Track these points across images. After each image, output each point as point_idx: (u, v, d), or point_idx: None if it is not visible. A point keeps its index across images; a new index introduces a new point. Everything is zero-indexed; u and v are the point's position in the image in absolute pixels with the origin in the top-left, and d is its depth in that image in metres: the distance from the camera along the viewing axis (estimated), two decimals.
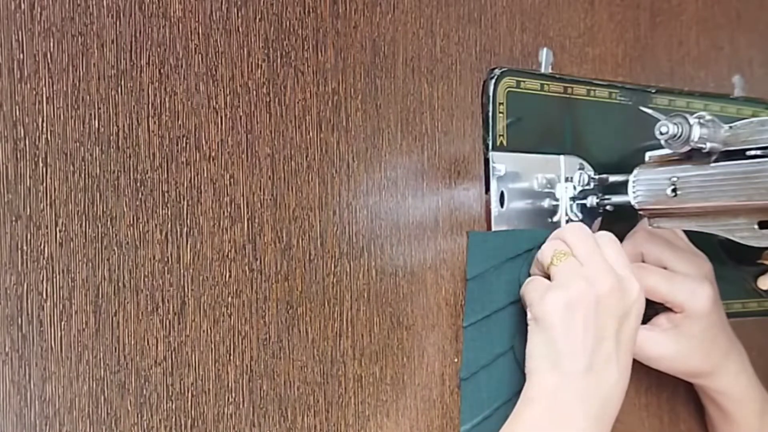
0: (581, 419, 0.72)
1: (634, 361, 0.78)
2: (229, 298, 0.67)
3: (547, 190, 0.85)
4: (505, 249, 0.80)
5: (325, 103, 0.72)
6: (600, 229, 0.87)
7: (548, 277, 0.76)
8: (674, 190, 0.79)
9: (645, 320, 0.81)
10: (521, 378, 0.75)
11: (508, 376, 0.79)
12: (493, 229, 0.81)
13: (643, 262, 0.87)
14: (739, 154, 0.76)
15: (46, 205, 0.60)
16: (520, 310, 0.79)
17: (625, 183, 0.84)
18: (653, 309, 0.86)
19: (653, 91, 0.94)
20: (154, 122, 0.64)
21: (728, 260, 0.96)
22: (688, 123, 0.76)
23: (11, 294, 0.58)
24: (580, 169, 0.86)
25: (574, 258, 0.75)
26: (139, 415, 0.63)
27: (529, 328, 0.75)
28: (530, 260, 0.80)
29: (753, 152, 0.75)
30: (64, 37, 0.61)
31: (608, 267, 0.75)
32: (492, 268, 0.79)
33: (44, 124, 0.60)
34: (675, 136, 0.77)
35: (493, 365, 0.79)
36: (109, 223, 0.62)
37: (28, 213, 0.59)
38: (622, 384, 0.75)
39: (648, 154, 0.84)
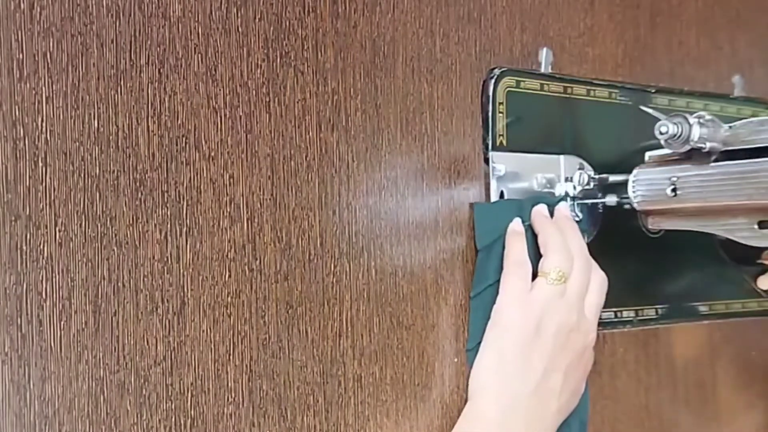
0: None
1: (634, 361, 0.78)
2: (229, 298, 0.67)
3: (546, 190, 0.85)
4: (509, 218, 0.80)
5: (325, 103, 0.72)
6: (600, 229, 0.88)
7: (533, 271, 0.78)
8: (674, 190, 0.79)
9: None
10: None
11: None
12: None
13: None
14: (739, 154, 0.76)
15: (46, 204, 0.60)
16: None
17: (625, 183, 0.84)
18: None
19: (653, 91, 0.94)
20: (154, 122, 0.64)
21: (728, 260, 0.96)
22: (688, 123, 0.76)
23: (11, 294, 0.58)
24: (579, 169, 0.86)
25: (565, 286, 0.77)
26: (139, 415, 0.63)
27: (486, 332, 0.76)
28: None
29: (753, 152, 0.75)
30: (64, 36, 0.61)
31: (592, 311, 0.78)
32: (498, 239, 0.80)
33: (44, 124, 0.60)
34: (675, 135, 0.77)
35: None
36: (108, 223, 0.62)
37: (27, 213, 0.59)
38: (558, 416, 0.77)
39: (648, 154, 0.84)
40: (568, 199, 0.85)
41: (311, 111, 0.71)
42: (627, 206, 0.85)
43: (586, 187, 0.86)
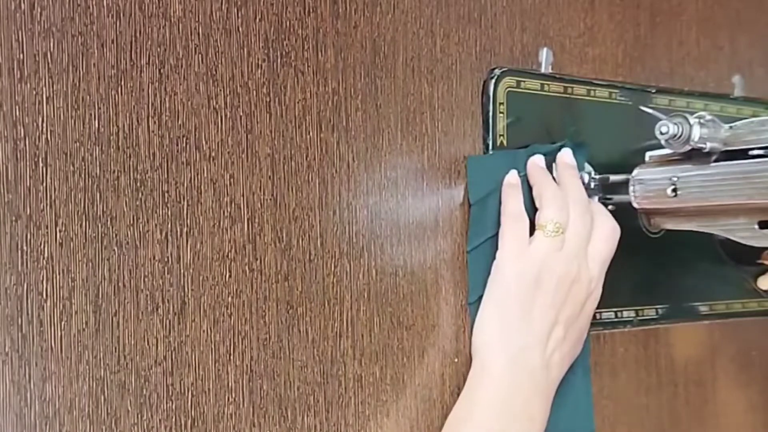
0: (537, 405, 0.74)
1: (633, 361, 0.79)
2: (229, 298, 0.67)
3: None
4: (503, 170, 0.80)
5: (325, 103, 0.72)
6: None
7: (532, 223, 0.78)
8: (674, 190, 0.79)
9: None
10: None
11: None
12: None
13: None
14: (739, 154, 0.76)
15: (46, 205, 0.60)
16: None
17: (625, 183, 0.84)
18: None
19: (653, 91, 0.94)
20: (154, 122, 0.64)
21: (728, 260, 0.96)
22: (688, 123, 0.76)
23: (11, 294, 0.58)
24: (580, 169, 0.86)
25: (563, 237, 0.77)
26: (139, 415, 0.63)
27: (487, 289, 0.76)
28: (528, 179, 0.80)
29: (753, 152, 0.75)
30: (64, 37, 0.61)
31: (596, 258, 0.77)
32: (492, 191, 0.80)
33: (44, 124, 0.60)
34: (675, 136, 0.77)
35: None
36: (109, 223, 0.62)
37: (28, 213, 0.59)
38: (562, 366, 0.77)
39: (648, 154, 0.84)
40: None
41: (311, 111, 0.71)
42: (610, 207, 0.85)
43: (586, 187, 0.86)
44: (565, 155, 0.82)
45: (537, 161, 0.80)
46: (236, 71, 0.68)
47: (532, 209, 0.79)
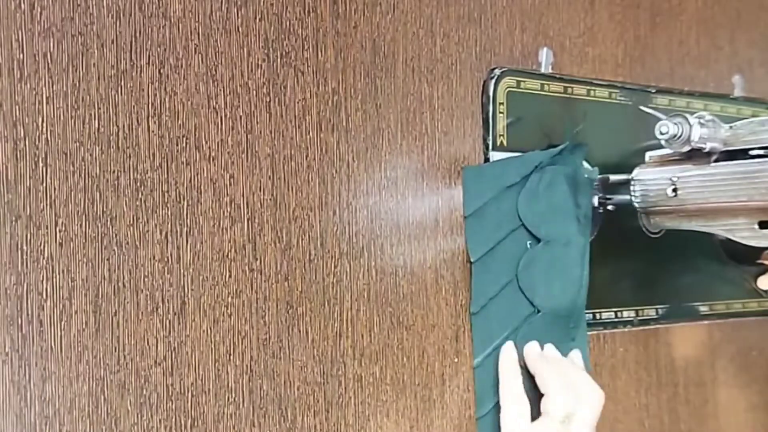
0: None
1: (633, 361, 0.78)
2: (229, 298, 0.67)
3: None
4: (501, 178, 0.80)
5: (325, 103, 0.72)
6: (601, 229, 0.87)
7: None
8: (674, 190, 0.79)
9: None
10: (527, 305, 0.78)
11: (514, 305, 0.80)
12: None
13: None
14: (739, 154, 0.76)
15: (46, 205, 0.60)
16: (520, 236, 0.80)
17: (625, 183, 0.84)
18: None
19: (653, 91, 0.94)
20: (154, 122, 0.64)
21: (728, 260, 0.96)
22: (689, 123, 0.76)
23: (11, 294, 0.58)
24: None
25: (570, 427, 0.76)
26: (139, 415, 0.63)
27: None
28: (526, 185, 0.80)
29: (753, 152, 0.75)
30: (64, 37, 0.61)
31: None
32: (490, 201, 0.80)
33: (44, 124, 0.60)
34: (675, 136, 0.77)
35: (500, 295, 0.80)
36: (109, 223, 0.62)
37: (28, 213, 0.59)
38: None
39: (648, 154, 0.84)
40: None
41: (311, 111, 0.71)
42: (610, 207, 0.85)
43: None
44: (548, 348, 0.81)
45: (532, 350, 0.79)
46: (236, 71, 0.68)
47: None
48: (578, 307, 0.82)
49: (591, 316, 0.86)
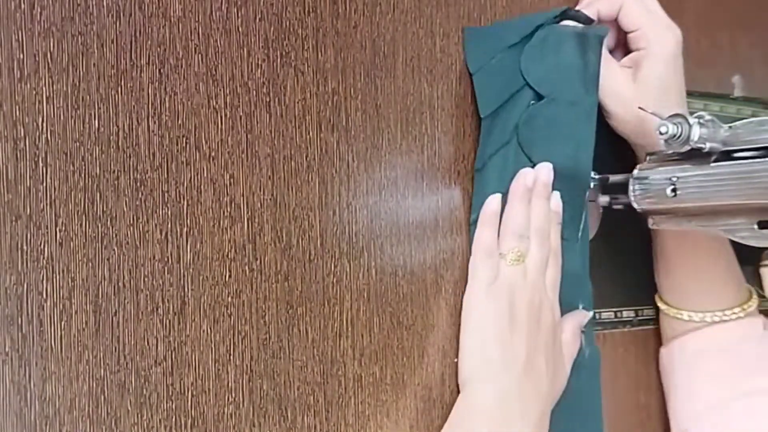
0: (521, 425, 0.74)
1: (633, 360, 0.78)
2: (229, 298, 0.67)
3: None
4: (503, 39, 0.80)
5: (325, 103, 0.72)
6: (601, 229, 0.87)
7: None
8: (674, 190, 0.79)
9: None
10: (525, 161, 0.79)
11: (511, 163, 0.80)
12: None
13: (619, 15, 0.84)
14: (739, 154, 0.76)
15: (46, 204, 0.60)
16: (522, 97, 0.80)
17: (625, 183, 0.84)
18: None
19: None
20: (154, 122, 0.64)
21: None
22: (688, 123, 0.76)
23: (11, 294, 0.58)
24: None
25: (525, 265, 0.77)
26: (139, 415, 0.63)
27: (462, 326, 0.77)
28: (531, 41, 0.80)
29: (753, 152, 0.75)
30: (64, 37, 0.61)
31: (550, 286, 0.78)
32: (493, 60, 0.79)
33: (44, 124, 0.60)
34: (675, 136, 0.76)
35: (499, 153, 0.80)
36: (109, 222, 0.62)
37: (28, 213, 0.59)
38: (550, 398, 0.77)
39: (648, 154, 0.84)
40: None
41: (311, 111, 0.71)
42: (617, 207, 0.85)
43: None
44: (543, 171, 0.80)
45: (518, 183, 0.79)
46: (236, 71, 0.68)
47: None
48: (582, 170, 0.81)
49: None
